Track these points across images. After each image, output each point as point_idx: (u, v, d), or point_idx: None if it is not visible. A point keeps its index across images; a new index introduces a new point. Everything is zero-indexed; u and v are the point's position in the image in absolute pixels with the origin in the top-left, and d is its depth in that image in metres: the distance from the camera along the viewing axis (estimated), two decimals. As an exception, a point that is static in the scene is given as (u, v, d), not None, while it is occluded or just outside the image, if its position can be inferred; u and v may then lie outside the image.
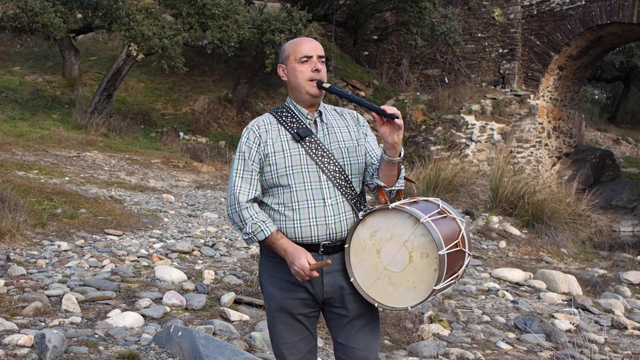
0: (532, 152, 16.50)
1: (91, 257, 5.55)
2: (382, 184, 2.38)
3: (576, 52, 16.60)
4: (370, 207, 2.38)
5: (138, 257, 5.71)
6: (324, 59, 2.45)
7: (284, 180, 2.39)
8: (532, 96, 16.49)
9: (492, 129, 16.14)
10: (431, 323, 4.75)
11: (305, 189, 2.38)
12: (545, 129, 16.92)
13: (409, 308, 2.31)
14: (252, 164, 2.42)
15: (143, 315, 4.19)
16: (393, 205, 2.31)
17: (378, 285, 2.34)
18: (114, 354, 3.50)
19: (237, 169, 2.44)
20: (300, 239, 2.38)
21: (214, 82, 17.11)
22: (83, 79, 15.50)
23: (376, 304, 2.34)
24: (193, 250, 6.23)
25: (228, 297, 4.66)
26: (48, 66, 16.51)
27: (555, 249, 8.99)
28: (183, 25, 12.79)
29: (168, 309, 4.40)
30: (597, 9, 15.45)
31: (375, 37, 18.61)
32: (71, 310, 4.15)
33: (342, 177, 2.41)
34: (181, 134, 14.29)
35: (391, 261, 2.30)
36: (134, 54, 12.25)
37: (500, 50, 16.84)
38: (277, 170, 2.39)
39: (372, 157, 2.48)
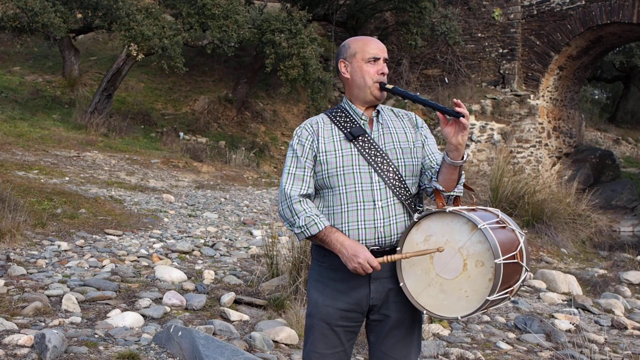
0: (532, 152, 16.50)
1: (91, 257, 5.55)
2: (441, 188, 2.30)
3: (576, 52, 16.60)
4: (427, 210, 2.30)
5: (138, 257, 5.71)
6: (388, 60, 2.43)
7: (334, 180, 2.33)
8: (532, 96, 16.49)
9: (492, 129, 16.14)
10: (431, 323, 4.75)
11: (355, 191, 2.31)
12: (545, 129, 16.92)
13: (459, 318, 2.21)
14: (305, 161, 2.37)
15: (143, 315, 4.19)
16: (451, 208, 2.22)
17: (428, 292, 2.24)
18: (114, 354, 3.50)
19: (289, 167, 2.39)
20: None
21: (214, 82, 17.12)
22: (83, 79, 15.51)
23: (425, 312, 2.25)
24: (193, 250, 6.23)
25: (228, 297, 4.66)
26: (48, 66, 16.51)
27: (555, 249, 9.00)
28: (183, 25, 12.79)
29: (168, 309, 4.40)
30: (597, 9, 15.45)
31: (375, 37, 18.60)
32: (71, 310, 4.15)
33: (397, 178, 2.34)
34: (181, 134, 14.30)
35: (444, 267, 2.21)
36: (134, 54, 12.25)
37: (500, 50, 16.84)
38: (327, 170, 2.34)
39: (431, 161, 2.41)
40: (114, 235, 6.49)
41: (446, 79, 17.41)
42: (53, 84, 15.42)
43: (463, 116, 2.16)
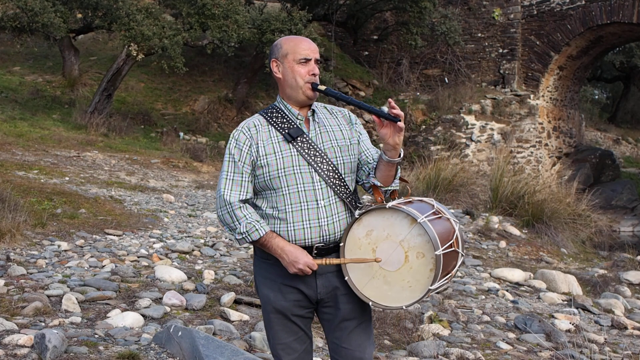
0: (532, 152, 16.50)
1: (91, 257, 5.55)
2: (379, 184, 2.37)
3: (576, 52, 16.60)
4: (367, 206, 2.37)
5: (138, 257, 5.71)
6: (319, 61, 2.47)
7: (276, 182, 2.36)
8: (532, 96, 16.49)
9: (492, 129, 16.14)
10: (431, 323, 4.75)
11: (298, 191, 2.35)
12: (545, 129, 16.92)
13: (404, 307, 2.30)
14: (242, 166, 2.38)
15: (143, 315, 4.19)
16: (390, 204, 2.29)
17: (373, 284, 2.33)
18: (114, 354, 3.50)
19: (227, 172, 2.40)
20: (294, 242, 2.37)
21: (214, 82, 17.12)
22: (83, 79, 15.51)
23: (370, 303, 2.33)
24: (193, 250, 6.23)
25: (228, 297, 4.66)
26: (48, 66, 16.51)
27: (555, 249, 8.99)
28: (183, 25, 12.79)
29: (168, 309, 4.40)
30: (597, 9, 15.46)
31: (375, 37, 18.61)
32: (71, 310, 4.15)
33: (336, 176, 2.39)
34: (181, 134, 14.30)
35: (387, 260, 2.29)
36: (134, 54, 12.25)
37: (500, 50, 16.84)
38: (269, 172, 2.36)
39: (367, 157, 2.47)
40: (114, 235, 6.49)
41: (446, 79, 17.41)
42: (53, 84, 15.42)
43: (400, 120, 2.20)
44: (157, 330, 3.95)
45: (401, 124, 2.21)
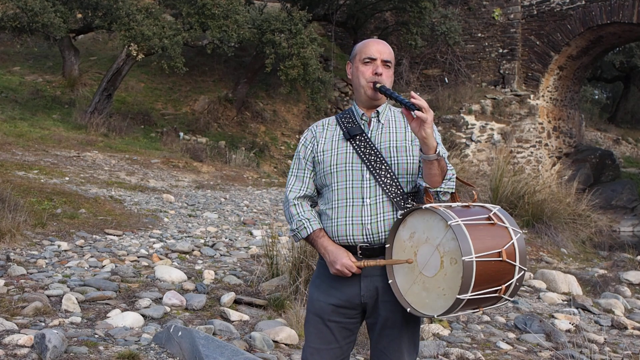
0: (532, 152, 16.50)
1: (91, 257, 5.55)
2: (424, 185, 2.30)
3: (576, 52, 16.60)
4: (409, 207, 2.31)
5: (138, 257, 5.71)
6: (389, 64, 2.42)
7: (329, 178, 2.42)
8: (532, 96, 16.49)
9: (492, 129, 16.14)
10: (431, 323, 4.75)
11: (346, 187, 2.38)
12: (545, 129, 16.92)
13: (435, 317, 2.17)
14: (305, 163, 2.49)
15: (143, 315, 4.19)
16: (427, 205, 2.19)
17: (413, 290, 2.23)
18: (114, 354, 3.50)
19: (292, 168, 2.53)
20: (337, 239, 2.38)
21: (214, 82, 17.11)
22: (83, 79, 15.51)
23: (409, 309, 2.23)
24: (193, 250, 6.23)
25: (228, 297, 4.66)
26: (48, 66, 16.51)
27: (555, 249, 8.99)
28: (183, 25, 12.79)
29: (168, 309, 4.40)
30: (597, 9, 15.45)
31: (375, 37, 18.60)
32: (71, 310, 4.15)
33: (389, 176, 2.36)
34: (181, 134, 14.29)
35: (426, 265, 2.18)
36: (134, 54, 12.25)
37: (500, 50, 16.84)
38: (323, 168, 2.43)
39: None
40: (114, 235, 6.49)
41: (446, 79, 17.41)
42: (53, 84, 15.42)
43: (418, 109, 2.13)
44: (157, 330, 3.95)
45: (419, 113, 2.13)
